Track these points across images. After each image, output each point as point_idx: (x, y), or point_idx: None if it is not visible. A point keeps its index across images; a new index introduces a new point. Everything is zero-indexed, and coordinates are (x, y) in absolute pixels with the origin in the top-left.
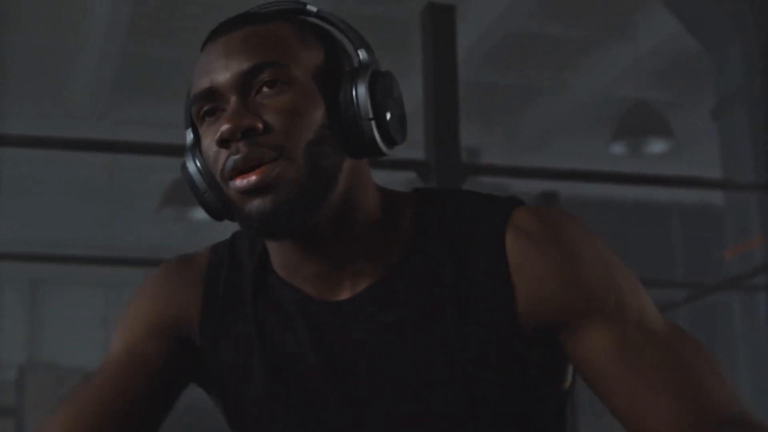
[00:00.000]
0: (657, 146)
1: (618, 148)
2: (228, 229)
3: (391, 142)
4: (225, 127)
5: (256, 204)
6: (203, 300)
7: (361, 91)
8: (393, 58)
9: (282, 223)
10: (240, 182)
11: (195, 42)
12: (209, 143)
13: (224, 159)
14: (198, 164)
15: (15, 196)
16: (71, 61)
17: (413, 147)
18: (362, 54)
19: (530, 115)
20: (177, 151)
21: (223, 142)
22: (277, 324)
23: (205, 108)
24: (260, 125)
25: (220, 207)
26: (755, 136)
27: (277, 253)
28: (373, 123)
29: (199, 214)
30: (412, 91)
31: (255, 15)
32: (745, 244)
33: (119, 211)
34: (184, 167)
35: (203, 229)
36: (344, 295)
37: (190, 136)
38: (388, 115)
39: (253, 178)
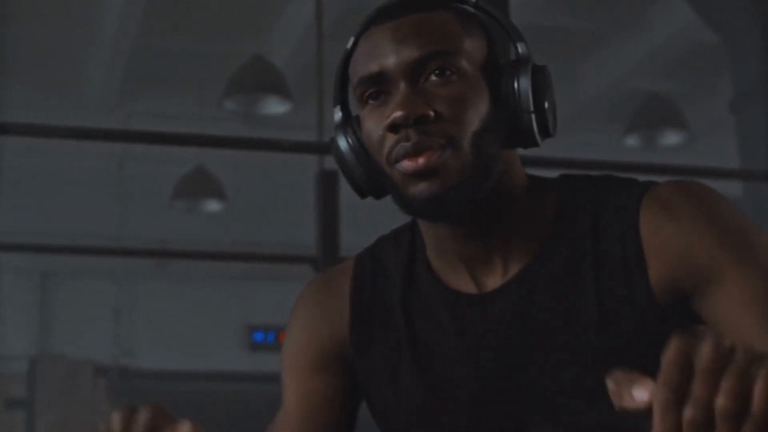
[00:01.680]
0: (671, 138)
1: (632, 141)
2: (238, 223)
3: (546, 133)
4: (398, 113)
5: (422, 187)
6: (351, 312)
7: (523, 84)
8: None
9: (446, 207)
10: (408, 164)
11: (207, 35)
12: (374, 126)
13: (392, 144)
14: (350, 141)
15: (26, 188)
16: (84, 54)
17: None
18: (521, 47)
19: None
20: (188, 140)
21: (394, 128)
22: (425, 325)
23: (371, 91)
24: (432, 113)
25: (369, 185)
26: None
27: (434, 238)
28: (533, 115)
29: (211, 206)
30: None
31: (420, 1)
32: None
33: (130, 203)
34: (334, 143)
35: (215, 222)
36: (495, 281)
37: (338, 113)
38: (548, 109)
39: (421, 161)
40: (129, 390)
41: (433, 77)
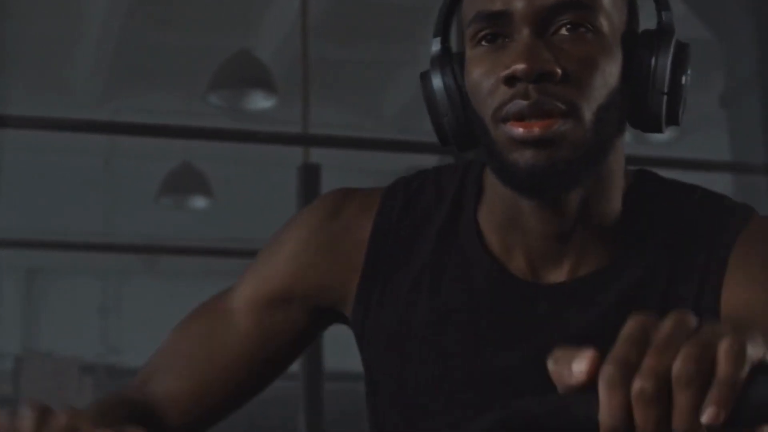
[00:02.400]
0: (662, 133)
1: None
2: (225, 219)
3: (674, 120)
4: (521, 65)
5: (528, 155)
6: (365, 264)
7: (662, 60)
8: (401, 47)
9: (552, 182)
10: (519, 130)
11: (193, 29)
12: (484, 73)
13: (505, 98)
14: (446, 80)
15: (11, 184)
16: (70, 50)
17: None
18: (666, 16)
19: None
20: (176, 133)
21: (511, 80)
22: (454, 296)
23: (486, 31)
24: (559, 71)
25: (456, 134)
26: (767, 123)
27: (505, 202)
28: (665, 97)
29: (198, 202)
30: (416, 81)
31: None
32: None
33: (117, 199)
34: (426, 78)
35: (201, 218)
36: (558, 276)
37: (437, 45)
38: (682, 92)
39: (536, 129)
40: (116, 388)
41: (564, 31)
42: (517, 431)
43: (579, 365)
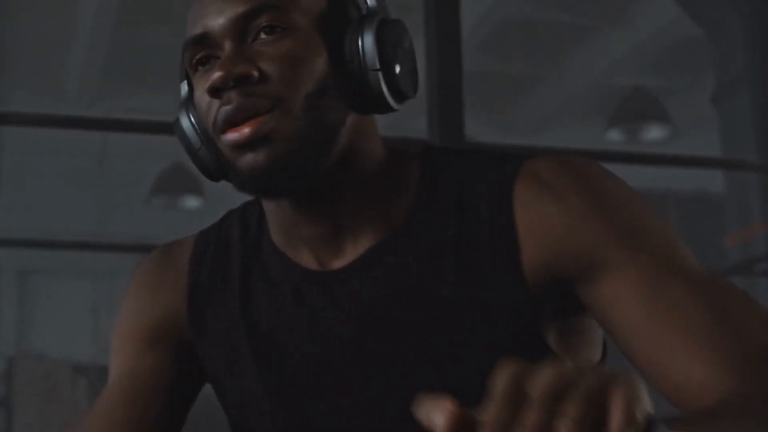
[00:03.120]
0: (654, 132)
1: (615, 135)
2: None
3: (400, 95)
4: (216, 74)
5: (248, 159)
6: (188, 290)
7: (367, 40)
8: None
9: (277, 179)
10: (232, 135)
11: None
12: (201, 94)
13: (214, 110)
14: (192, 119)
15: (4, 184)
16: (62, 49)
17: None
18: (370, 0)
19: (526, 103)
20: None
21: (215, 91)
22: (265, 302)
23: (198, 56)
24: (255, 73)
25: (216, 165)
26: (758, 121)
27: (275, 216)
28: (380, 74)
29: (190, 202)
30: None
31: None
32: (747, 231)
33: (109, 200)
34: (176, 122)
35: (194, 218)
36: (345, 259)
37: (184, 89)
38: (397, 67)
39: (246, 130)
40: None
41: (263, 35)
42: None
43: (437, 418)
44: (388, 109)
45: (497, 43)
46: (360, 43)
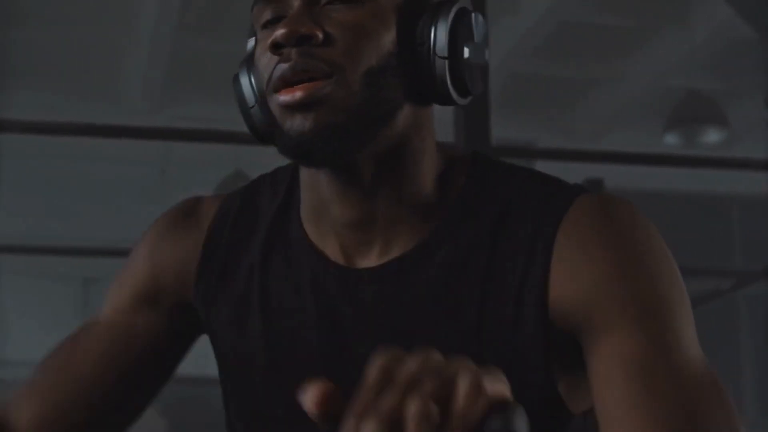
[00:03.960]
0: (712, 136)
1: (672, 139)
2: None
3: (463, 89)
4: (280, 30)
5: (297, 121)
6: (203, 252)
7: (441, 26)
8: None
9: (320, 147)
10: (284, 96)
11: (242, 37)
12: (262, 51)
13: (271, 66)
14: (251, 77)
15: (66, 193)
16: (122, 59)
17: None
18: None
19: (584, 107)
20: (229, 138)
21: (276, 47)
22: (284, 290)
23: (267, 13)
24: (320, 35)
25: (266, 126)
26: None
27: (310, 193)
28: (446, 63)
29: None
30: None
31: None
32: None
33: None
34: (235, 79)
35: None
36: (371, 260)
37: (250, 45)
38: (467, 59)
39: (299, 93)
40: (174, 394)
41: (336, 2)
42: None
43: (307, 399)
44: (450, 101)
45: (553, 46)
46: (433, 28)
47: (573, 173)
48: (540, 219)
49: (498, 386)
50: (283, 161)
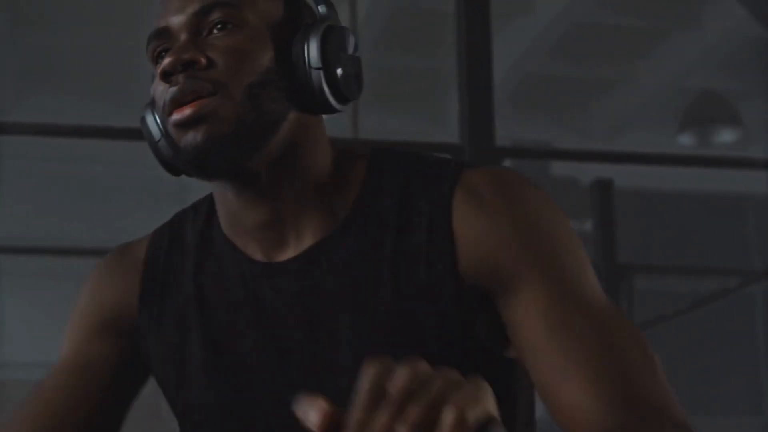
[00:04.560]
0: (726, 135)
1: (686, 139)
2: None
3: (340, 96)
4: (167, 60)
5: (189, 137)
6: (141, 285)
7: (312, 42)
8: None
9: (214, 158)
10: (176, 115)
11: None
12: (156, 82)
13: (163, 92)
14: (155, 114)
15: (87, 195)
16: (137, 62)
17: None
18: (321, 8)
19: (598, 108)
20: None
21: (165, 75)
22: (217, 293)
23: (159, 49)
24: (203, 59)
25: (173, 156)
26: None
27: (222, 204)
28: (321, 73)
29: None
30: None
31: None
32: None
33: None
34: (142, 120)
35: None
36: (288, 253)
37: (153, 86)
38: (339, 69)
39: (188, 110)
40: None
41: (215, 30)
42: None
43: (311, 416)
44: (330, 109)
45: (568, 47)
46: (306, 43)
47: (586, 173)
48: (434, 193)
49: (481, 405)
50: None
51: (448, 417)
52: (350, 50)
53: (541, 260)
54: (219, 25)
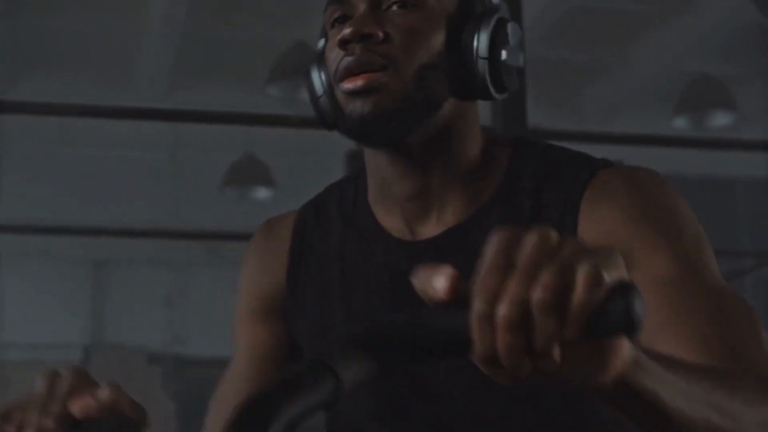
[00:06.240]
0: (720, 119)
1: (681, 122)
2: (288, 210)
3: (500, 86)
4: (347, 29)
5: (358, 105)
6: (289, 261)
7: (483, 32)
8: None
9: (376, 129)
10: (348, 84)
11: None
12: (332, 46)
13: (338, 59)
14: (321, 71)
15: (78, 177)
16: (133, 46)
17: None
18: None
19: (594, 91)
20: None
21: (343, 43)
22: (360, 267)
23: (336, 14)
24: (380, 34)
25: (331, 113)
26: None
27: (373, 173)
28: (486, 62)
29: (261, 193)
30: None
31: None
32: None
33: (181, 192)
34: (307, 73)
35: (265, 209)
36: (429, 229)
37: (321, 44)
38: (504, 60)
39: (360, 81)
40: (183, 377)
41: (395, 7)
42: (387, 341)
43: (439, 282)
44: (488, 96)
45: (564, 30)
46: (476, 33)
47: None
48: (569, 189)
49: (614, 272)
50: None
51: (581, 277)
52: (514, 43)
53: (668, 239)
54: (399, 3)
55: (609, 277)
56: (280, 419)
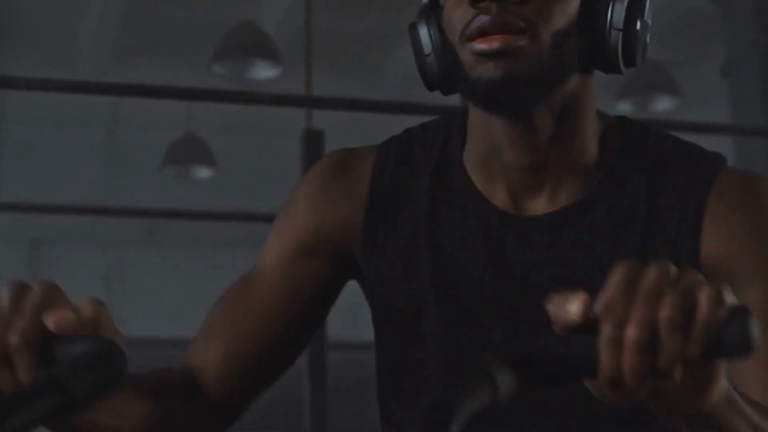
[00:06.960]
0: (663, 104)
1: (625, 107)
2: (229, 190)
3: (630, 59)
4: None
5: (489, 67)
6: (368, 204)
7: (618, 2)
8: (406, 18)
9: (505, 95)
10: (481, 45)
11: (198, 2)
12: (456, 4)
13: (471, 17)
14: (431, 28)
15: (15, 156)
16: (75, 21)
17: None
18: None
19: None
20: (179, 94)
21: (476, 0)
22: (451, 229)
23: None
24: None
25: (439, 73)
26: None
27: (482, 139)
28: (620, 34)
29: (201, 173)
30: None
31: None
32: None
33: (120, 171)
34: (412, 27)
35: (205, 189)
36: (538, 206)
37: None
38: (637, 33)
39: (495, 43)
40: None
41: None
42: (534, 362)
43: (573, 308)
44: (616, 69)
45: None
46: (612, 2)
47: None
48: (691, 181)
49: (729, 294)
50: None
51: (704, 298)
52: (647, 19)
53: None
54: None
55: (729, 297)
56: (458, 419)
